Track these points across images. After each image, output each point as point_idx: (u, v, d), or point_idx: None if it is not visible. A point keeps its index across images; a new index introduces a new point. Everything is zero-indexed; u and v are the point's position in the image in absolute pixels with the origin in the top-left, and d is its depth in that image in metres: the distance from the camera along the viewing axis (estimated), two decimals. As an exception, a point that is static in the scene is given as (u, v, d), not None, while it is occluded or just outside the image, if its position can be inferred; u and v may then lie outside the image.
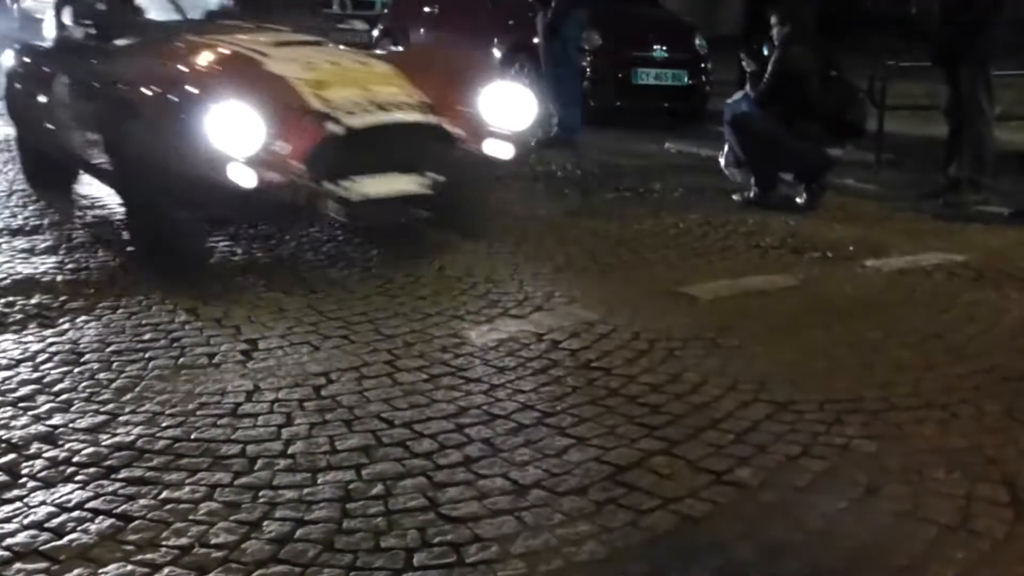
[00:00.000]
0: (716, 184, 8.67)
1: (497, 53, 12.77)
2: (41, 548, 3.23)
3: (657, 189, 8.96)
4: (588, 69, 11.91)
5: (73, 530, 3.34)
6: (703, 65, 12.96)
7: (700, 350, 5.07)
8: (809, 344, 5.20)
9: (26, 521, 3.39)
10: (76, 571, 3.12)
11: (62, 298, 5.61)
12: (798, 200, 8.25)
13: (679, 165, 10.27)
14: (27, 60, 8.15)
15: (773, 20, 8.41)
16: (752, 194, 8.32)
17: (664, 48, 12.75)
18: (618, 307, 5.67)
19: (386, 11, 15.67)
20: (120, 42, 6.95)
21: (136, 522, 3.39)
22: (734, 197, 8.37)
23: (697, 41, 13.10)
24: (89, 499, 3.54)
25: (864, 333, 5.38)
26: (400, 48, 13.42)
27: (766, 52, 8.52)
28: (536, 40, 11.51)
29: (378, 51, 9.16)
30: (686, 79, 12.81)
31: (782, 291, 6.09)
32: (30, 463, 3.80)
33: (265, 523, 3.40)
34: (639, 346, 5.10)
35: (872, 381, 4.72)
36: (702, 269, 6.54)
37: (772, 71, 8.23)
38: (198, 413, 4.24)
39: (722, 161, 8.70)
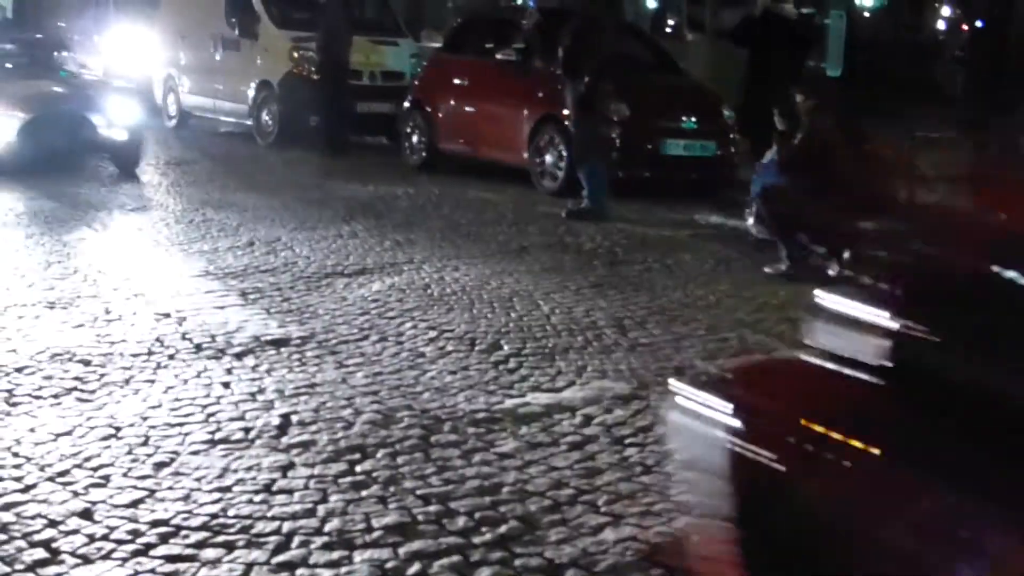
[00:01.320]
0: (746, 255, 8.70)
1: (526, 125, 12.86)
2: (81, 627, 3.26)
3: (686, 260, 8.99)
4: (617, 140, 11.98)
5: (113, 609, 3.37)
6: (730, 135, 13.03)
7: (733, 426, 5.06)
8: (842, 420, 5.19)
9: (66, 599, 3.42)
10: (116, 651, 3.14)
11: (100, 372, 5.67)
12: (830, 271, 8.26)
13: (708, 236, 10.31)
14: None
15: (796, 97, 8.48)
16: (784, 266, 8.34)
17: (692, 118, 12.82)
18: (650, 381, 5.70)
19: (415, 82, 15.80)
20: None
21: (175, 601, 3.42)
22: (765, 270, 8.39)
23: (724, 111, 13.18)
24: (128, 577, 3.57)
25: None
26: None
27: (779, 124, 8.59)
28: (565, 111, 11.61)
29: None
30: (715, 149, 12.87)
31: (814, 365, 6.09)
32: (69, 539, 3.83)
33: (303, 602, 3.41)
34: (672, 422, 5.11)
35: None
36: (733, 343, 6.55)
37: (800, 146, 8.28)
38: (234, 489, 4.27)
39: (750, 220, 8.73)
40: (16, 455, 4.56)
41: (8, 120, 12.05)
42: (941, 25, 30.03)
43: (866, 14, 29.93)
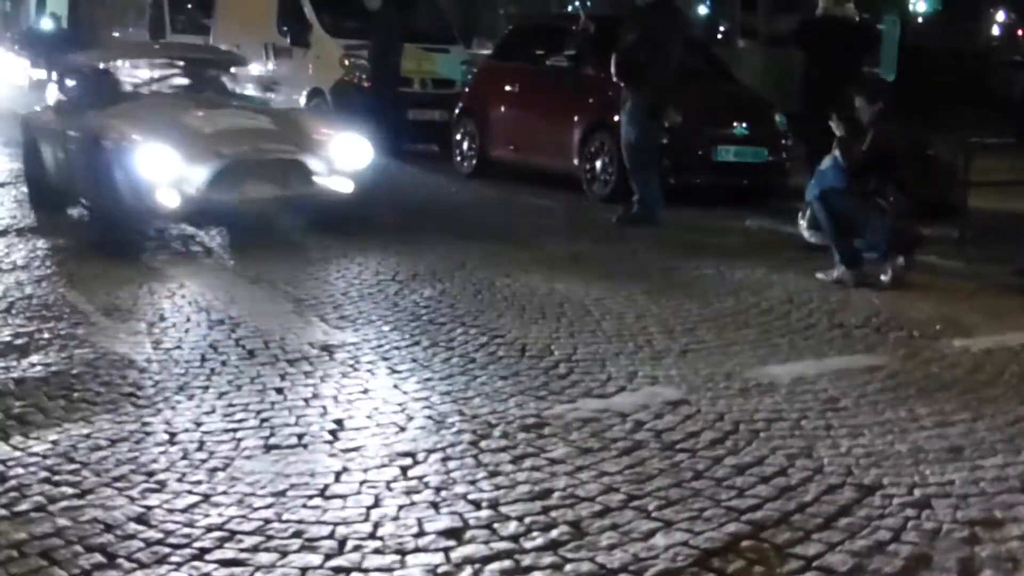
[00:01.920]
0: (798, 261, 8.66)
1: (577, 131, 12.88)
2: (138, 629, 3.30)
3: (738, 267, 8.96)
4: (669, 146, 11.95)
5: (168, 611, 3.40)
6: (783, 141, 12.97)
7: (785, 432, 5.06)
8: (895, 426, 5.16)
9: (123, 602, 3.46)
10: (172, 653, 3.18)
11: (155, 378, 5.73)
12: (883, 277, 8.21)
13: (760, 242, 10.27)
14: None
15: (859, 101, 8.41)
16: (837, 272, 8.29)
17: (744, 125, 12.78)
18: (701, 388, 5.69)
19: (466, 90, 15.85)
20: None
21: (230, 604, 3.45)
22: (818, 275, 8.34)
23: (776, 118, 13.13)
24: (183, 580, 3.61)
25: (951, 415, 5.34)
26: None
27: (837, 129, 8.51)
28: (616, 118, 11.59)
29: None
30: (766, 155, 12.83)
31: (866, 372, 6.06)
32: (126, 544, 3.87)
33: (356, 606, 3.44)
34: (724, 427, 5.11)
35: (961, 465, 4.68)
36: (784, 349, 6.53)
37: (866, 151, 8.21)
38: (288, 494, 4.31)
39: (803, 224, 8.65)
40: (72, 460, 4.62)
41: (196, 165, 8.89)
42: (996, 31, 29.79)
43: (919, 19, 29.74)
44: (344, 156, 9.61)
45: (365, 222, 10.46)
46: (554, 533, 3.98)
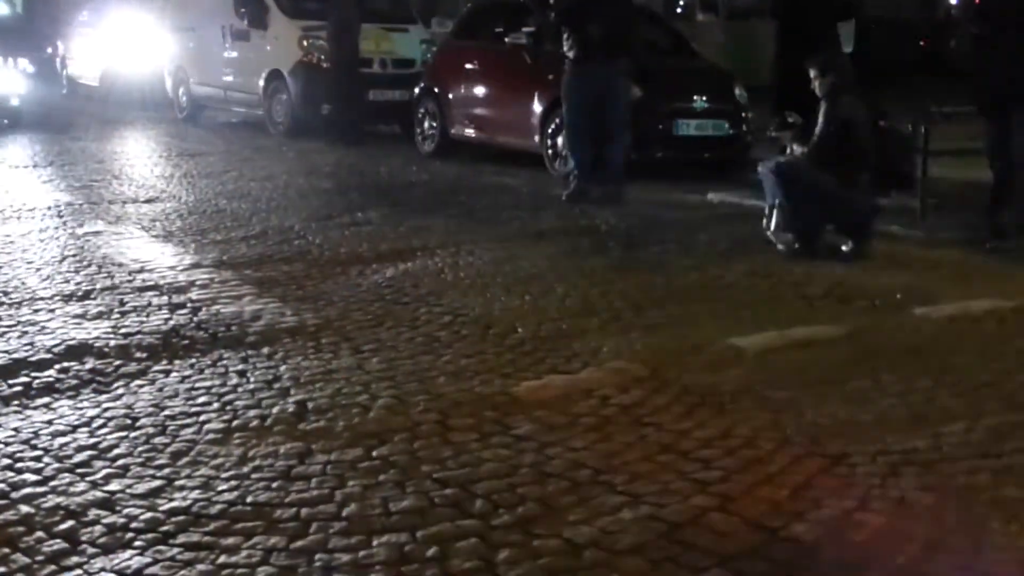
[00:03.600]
0: (760, 235, 8.67)
1: (538, 109, 12.84)
2: (102, 616, 3.26)
3: (702, 241, 8.97)
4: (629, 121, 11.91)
5: (133, 597, 3.37)
6: (744, 114, 12.97)
7: (750, 404, 5.06)
8: (859, 395, 5.18)
9: (86, 589, 3.43)
10: (137, 639, 3.15)
11: (116, 363, 5.67)
12: (844, 248, 8.24)
13: (722, 216, 10.28)
14: None
15: (813, 73, 8.40)
16: (797, 244, 8.30)
17: (704, 98, 12.76)
18: (666, 361, 5.68)
19: (427, 69, 15.78)
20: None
21: (195, 588, 3.42)
22: (779, 247, 8.35)
23: (737, 91, 13.12)
24: (148, 565, 3.58)
25: (914, 382, 5.36)
26: None
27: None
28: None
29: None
30: (727, 129, 12.83)
31: (830, 341, 6.08)
32: (88, 529, 3.83)
33: (322, 587, 3.41)
34: (690, 400, 5.11)
35: (924, 432, 4.70)
36: (749, 321, 6.53)
37: (823, 125, 8.20)
38: (252, 476, 4.28)
39: (771, 225, 8.55)
40: (35, 447, 4.57)
41: None
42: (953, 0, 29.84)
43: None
44: None
45: (325, 203, 10.43)
46: (521, 510, 3.97)
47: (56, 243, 8.67)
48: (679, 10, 25.24)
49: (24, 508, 4.00)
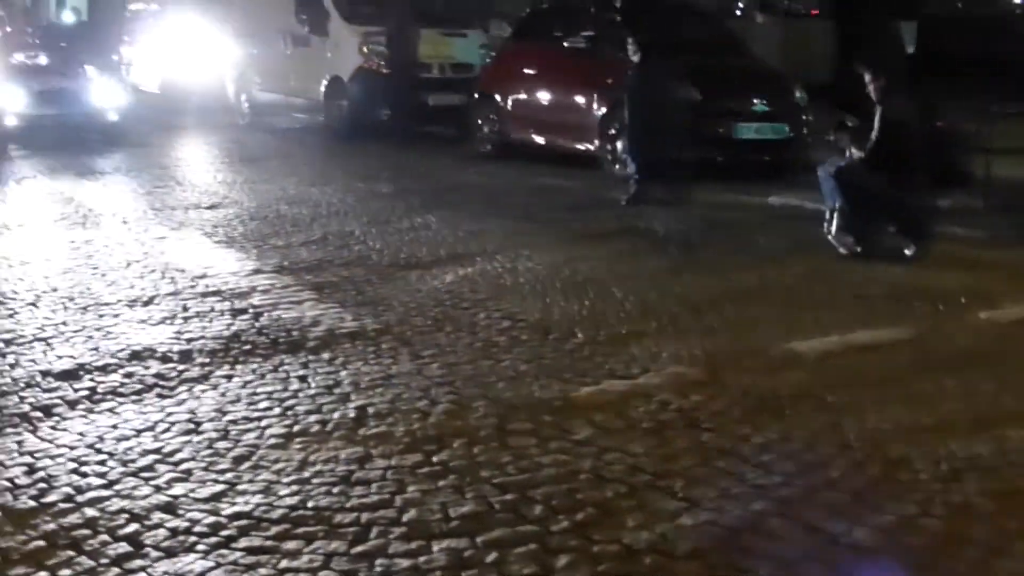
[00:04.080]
0: (820, 236, 8.61)
1: (597, 111, 12.83)
2: (166, 619, 3.31)
3: (760, 243, 8.93)
4: (689, 124, 11.88)
5: (196, 601, 3.41)
6: (803, 117, 12.89)
7: (810, 408, 5.03)
8: (921, 399, 5.14)
9: (150, 592, 3.47)
10: (200, 642, 3.18)
11: (179, 368, 5.74)
12: (906, 251, 8.16)
13: (782, 217, 10.22)
14: None
15: (866, 75, 8.34)
16: (858, 247, 8.24)
17: (763, 101, 12.70)
18: (725, 365, 5.67)
19: (485, 72, 15.82)
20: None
21: (257, 592, 3.46)
22: (840, 250, 8.29)
23: (796, 93, 13.05)
24: (210, 569, 3.62)
25: (977, 387, 5.31)
26: None
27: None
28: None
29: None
30: (786, 131, 12.75)
31: (891, 345, 6.03)
32: (152, 533, 3.89)
33: (382, 592, 3.44)
34: (748, 405, 5.09)
35: (987, 436, 4.65)
36: (809, 324, 6.49)
37: (878, 128, 8.14)
38: (313, 481, 4.31)
39: (831, 229, 8.47)
40: (99, 451, 4.64)
41: None
42: (1018, -1, 29.45)
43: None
44: None
45: (385, 208, 10.48)
46: (580, 515, 3.97)
47: (121, 249, 8.78)
48: (738, 11, 25.10)
49: (89, 511, 4.06)
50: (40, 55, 19.04)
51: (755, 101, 12.69)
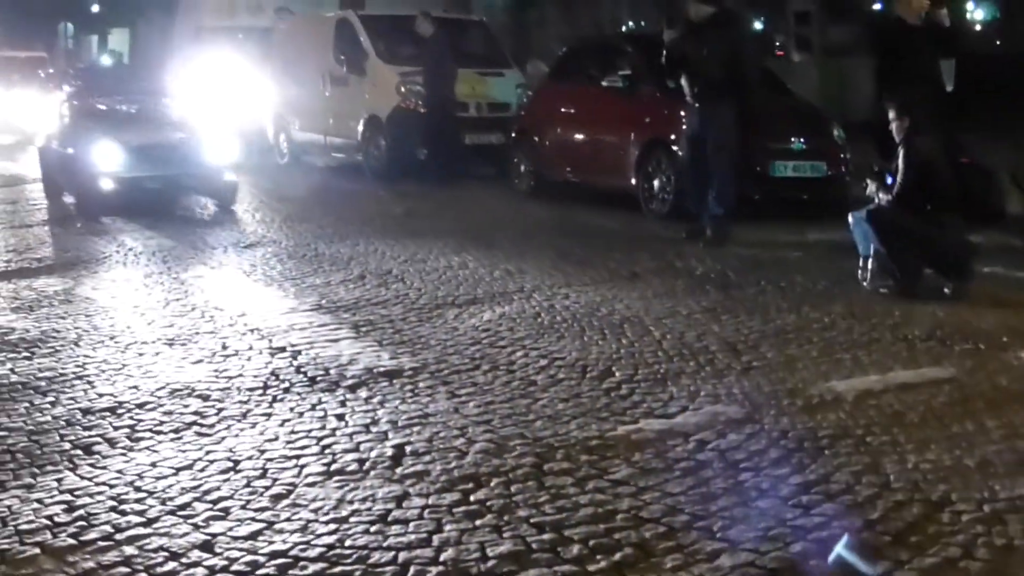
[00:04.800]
0: (859, 276, 8.56)
1: (634, 150, 12.85)
2: (203, 658, 3.30)
3: (799, 282, 8.88)
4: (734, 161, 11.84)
5: (234, 639, 3.41)
6: (842, 155, 12.86)
7: (850, 448, 4.99)
8: (963, 440, 5.08)
9: (188, 631, 3.48)
10: None
11: (218, 406, 5.77)
12: (946, 290, 8.11)
13: (820, 256, 10.17)
14: None
15: (891, 115, 8.31)
16: (894, 284, 8.19)
17: (802, 139, 12.68)
18: (764, 406, 5.63)
19: (522, 112, 15.89)
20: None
21: (294, 631, 3.45)
22: (880, 290, 8.25)
23: (835, 132, 13.02)
24: (248, 608, 3.62)
25: (1020, 427, 5.25)
26: None
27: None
28: (673, 136, 11.53)
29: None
30: (825, 170, 12.71)
31: (932, 385, 5.98)
32: (190, 571, 3.90)
33: (420, 632, 3.43)
34: (788, 445, 5.05)
35: (1031, 478, 4.60)
36: (848, 364, 6.45)
37: (904, 169, 8.12)
38: (350, 520, 4.31)
39: (867, 276, 8.43)
40: (138, 489, 4.66)
41: None
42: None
43: (977, 27, 29.41)
44: None
45: (423, 246, 10.51)
46: (618, 556, 3.95)
47: (160, 288, 8.85)
48: (777, 51, 25.13)
49: (127, 549, 4.08)
50: (126, 99, 15.82)
51: (793, 139, 12.67)
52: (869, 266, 8.38)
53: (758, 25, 25.92)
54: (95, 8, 45.14)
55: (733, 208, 10.96)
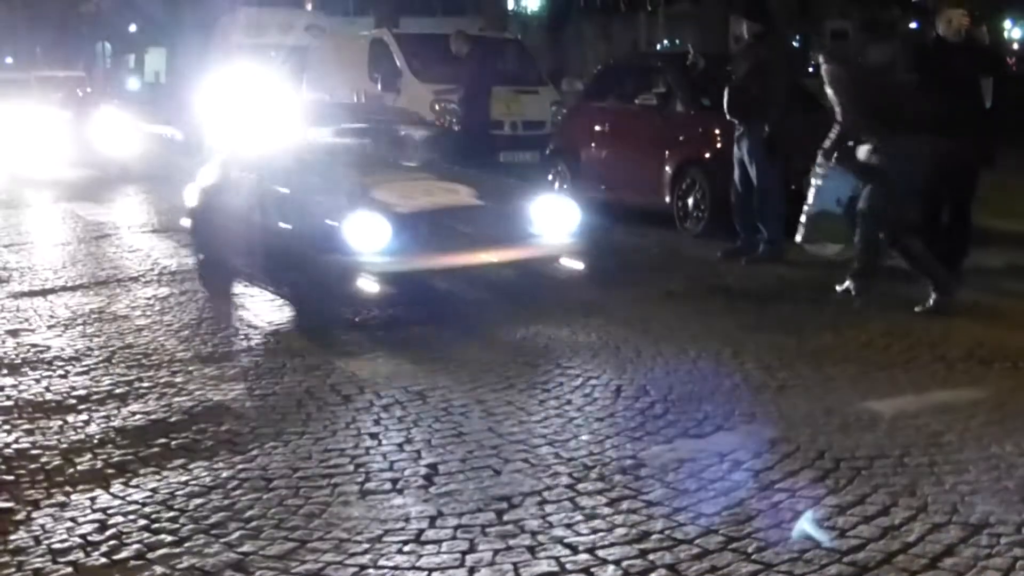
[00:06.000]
0: (896, 293, 8.50)
1: (668, 169, 12.81)
2: None
3: (836, 300, 8.81)
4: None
5: (265, 660, 3.40)
6: (875, 172, 12.75)
7: (887, 469, 4.94)
8: (1001, 462, 5.02)
9: (220, 651, 3.47)
10: None
11: (251, 424, 5.78)
12: (929, 301, 8.07)
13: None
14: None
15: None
16: (932, 302, 8.12)
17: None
18: (799, 425, 5.59)
19: (556, 130, 15.89)
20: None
21: (326, 652, 3.44)
22: (915, 309, 8.17)
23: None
24: (280, 628, 3.61)
25: (1061, 449, 5.19)
26: None
27: None
28: (708, 155, 11.47)
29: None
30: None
31: (970, 405, 5.91)
32: (223, 591, 3.89)
33: (452, 653, 3.40)
34: (824, 466, 5.01)
35: (1072, 500, 4.54)
36: (885, 383, 6.39)
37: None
38: (384, 539, 4.31)
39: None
40: (171, 508, 4.67)
41: None
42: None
43: (1015, 45, 29.24)
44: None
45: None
46: (652, 576, 3.92)
47: (194, 305, 8.88)
48: (812, 69, 25.05)
49: (159, 569, 4.09)
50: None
51: (824, 157, 12.56)
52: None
53: (794, 44, 25.86)
54: (132, 28, 45.58)
55: (782, 229, 10.87)
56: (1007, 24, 29.32)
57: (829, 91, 8.73)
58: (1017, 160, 10.14)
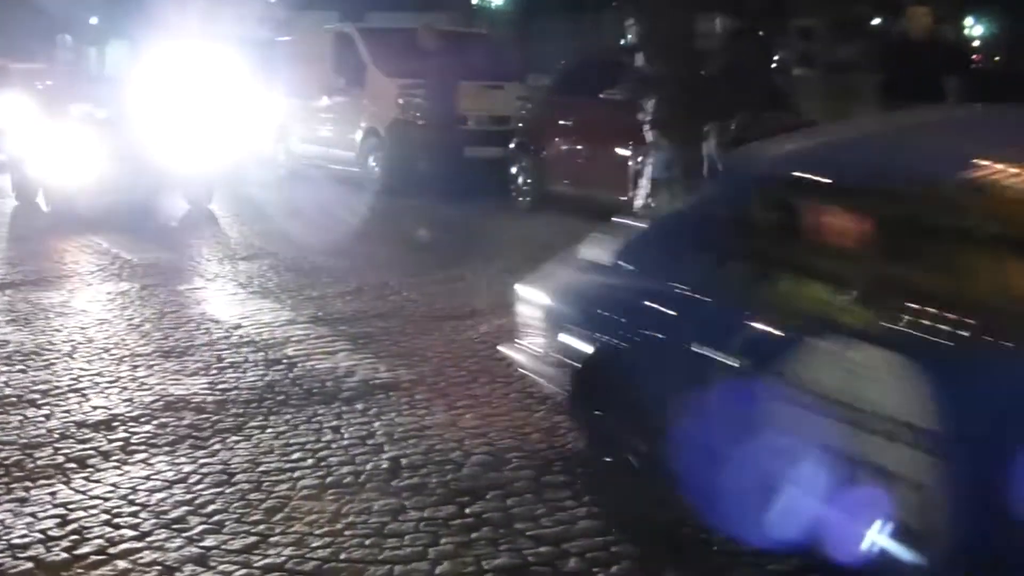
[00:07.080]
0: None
1: (632, 162, 12.82)
2: (195, 673, 3.26)
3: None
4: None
5: (226, 655, 3.37)
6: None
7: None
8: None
9: (180, 645, 3.43)
10: None
11: (212, 418, 5.74)
12: None
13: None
14: None
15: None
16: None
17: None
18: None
19: (522, 125, 15.86)
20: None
21: (287, 646, 3.41)
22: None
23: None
24: (241, 622, 3.58)
25: None
26: None
27: None
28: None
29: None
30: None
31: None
32: (184, 586, 3.85)
33: (415, 647, 3.39)
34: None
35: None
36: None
37: None
38: (346, 533, 4.28)
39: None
40: (132, 503, 4.62)
41: None
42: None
43: (976, 43, 29.43)
44: None
45: (421, 260, 10.48)
46: (615, 569, 3.93)
47: (156, 300, 8.81)
48: (773, 64, 25.13)
49: (121, 564, 4.05)
50: None
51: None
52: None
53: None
54: (93, 20, 45.19)
55: None
56: (968, 21, 29.51)
57: None
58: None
